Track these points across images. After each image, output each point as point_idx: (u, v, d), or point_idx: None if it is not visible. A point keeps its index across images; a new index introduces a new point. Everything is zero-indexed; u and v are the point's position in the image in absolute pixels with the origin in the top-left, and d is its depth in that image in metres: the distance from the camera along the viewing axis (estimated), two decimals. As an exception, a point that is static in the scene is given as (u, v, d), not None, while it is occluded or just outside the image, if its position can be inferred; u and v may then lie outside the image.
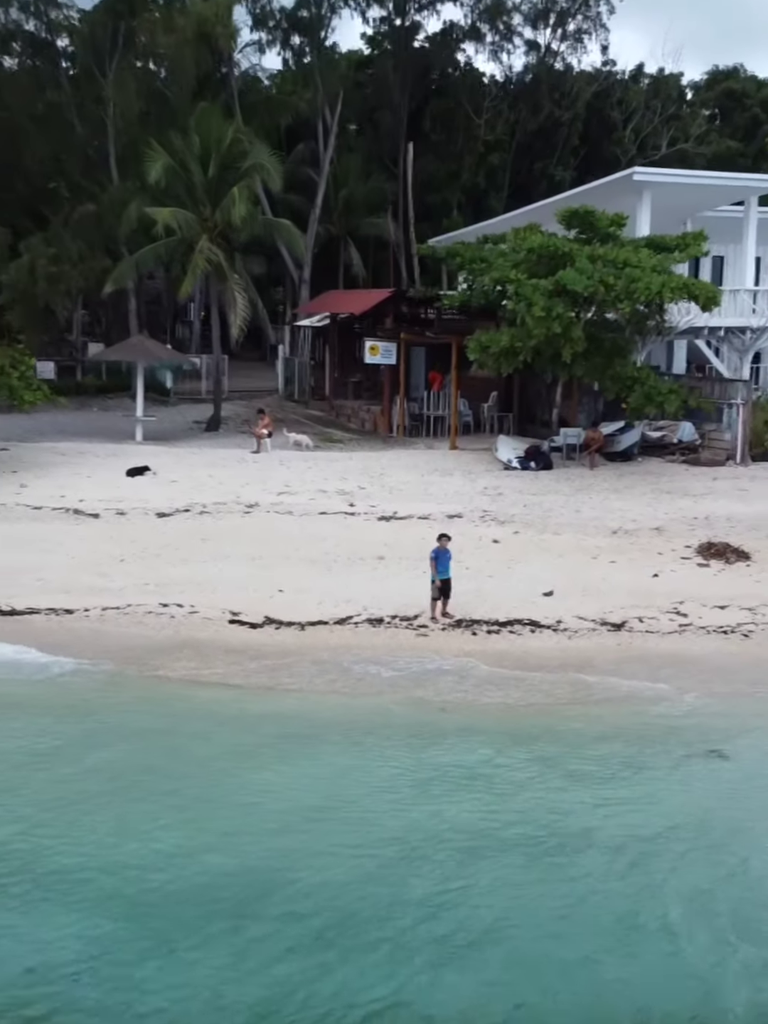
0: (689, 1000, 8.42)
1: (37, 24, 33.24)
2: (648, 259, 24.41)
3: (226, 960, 8.74)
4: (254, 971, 8.53)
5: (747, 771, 12.95)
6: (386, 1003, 8.21)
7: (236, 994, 8.29)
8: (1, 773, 12.17)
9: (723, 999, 8.43)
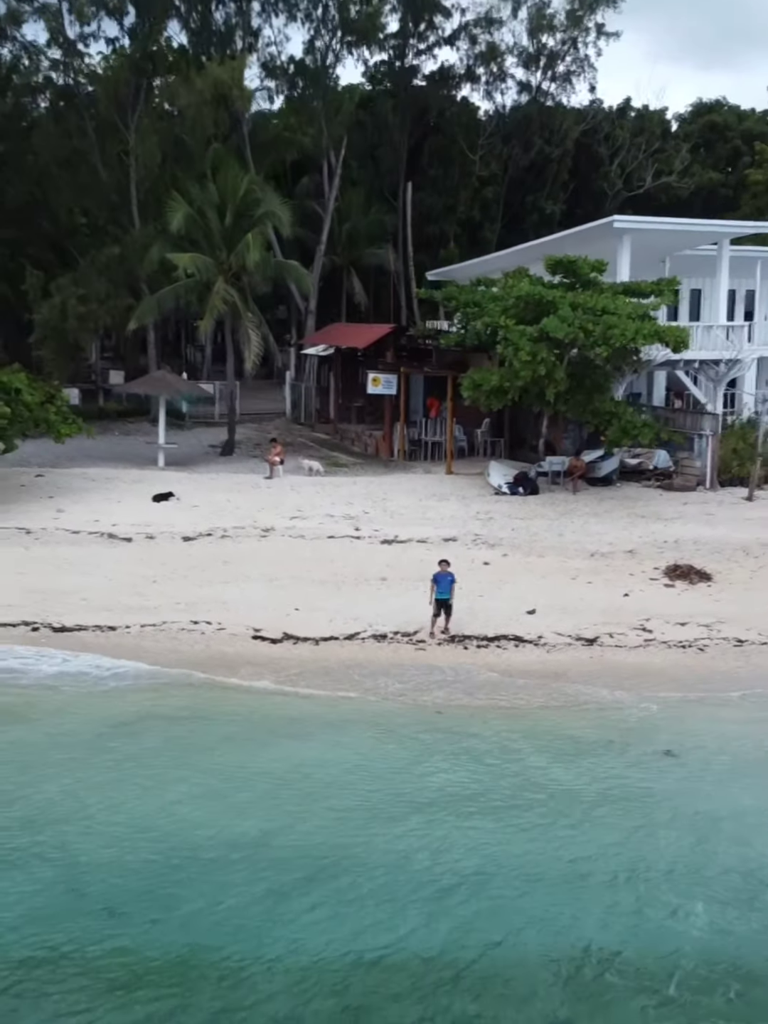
0: (629, 938, 10.69)
1: (65, 75, 35.41)
2: (624, 306, 26.73)
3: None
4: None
5: (692, 767, 15.20)
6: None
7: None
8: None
9: (658, 936, 10.70)
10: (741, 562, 23.64)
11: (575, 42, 49.97)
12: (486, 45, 49.54)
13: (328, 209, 44.06)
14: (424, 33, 48.22)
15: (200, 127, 34.70)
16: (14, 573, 22.46)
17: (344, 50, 42.66)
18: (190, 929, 10.66)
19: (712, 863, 12.39)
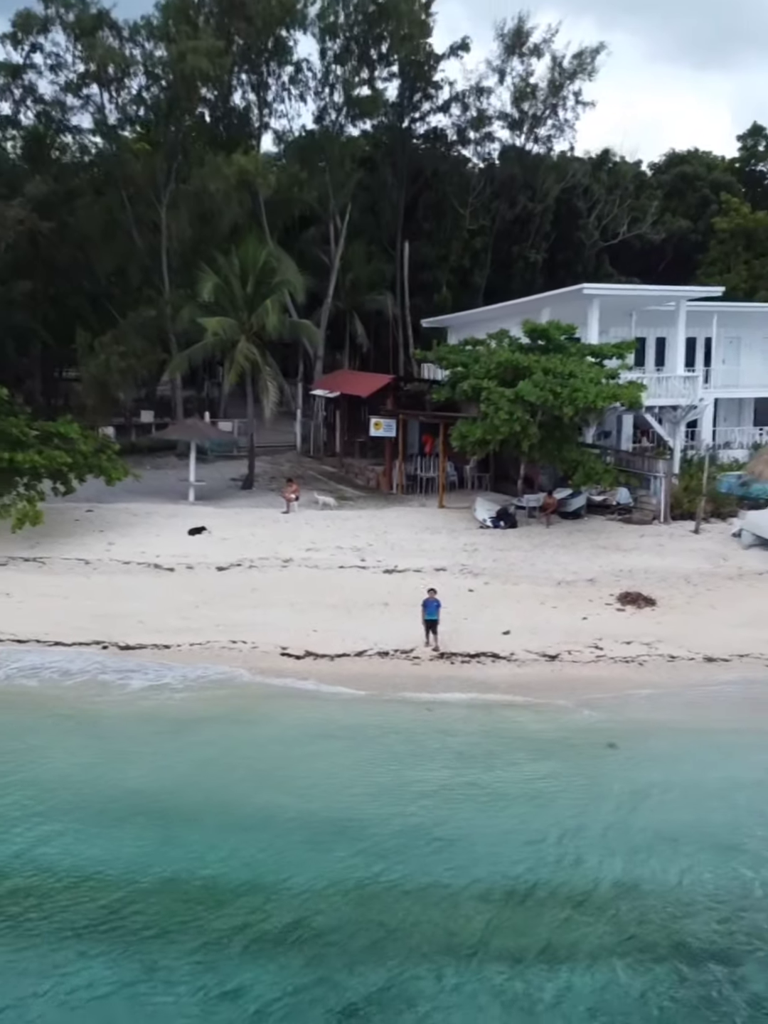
0: (564, 878, 14.78)
1: (106, 156, 39.31)
2: (587, 371, 30.91)
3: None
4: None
5: (629, 755, 19.29)
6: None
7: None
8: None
9: (582, 875, 14.78)
10: (682, 589, 27.77)
11: (555, 108, 54.21)
12: (476, 111, 53.83)
13: (334, 266, 48.12)
14: (419, 103, 52.46)
15: (225, 206, 38.79)
16: (82, 599, 26.61)
17: (349, 122, 46.66)
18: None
19: (636, 825, 16.46)
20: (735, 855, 15.32)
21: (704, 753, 19.20)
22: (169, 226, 39.38)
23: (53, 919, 13.32)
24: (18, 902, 13.73)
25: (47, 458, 29.44)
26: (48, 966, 12.32)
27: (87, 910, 13.55)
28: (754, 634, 24.77)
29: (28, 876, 14.37)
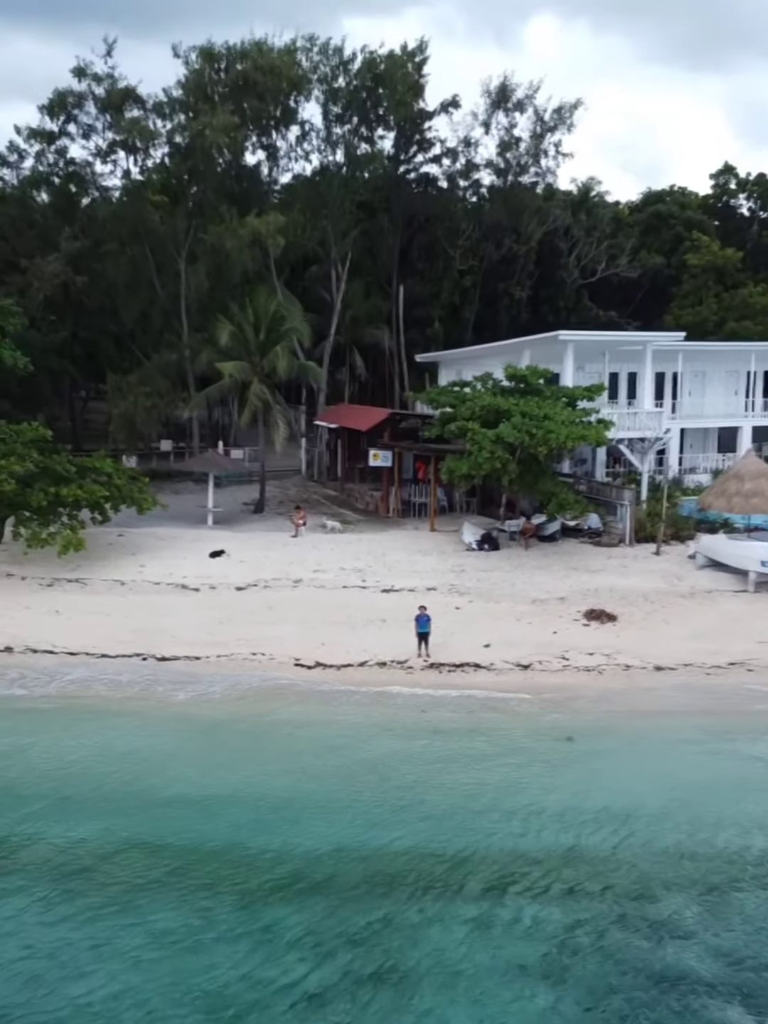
0: (517, 846, 18.32)
1: (132, 216, 42.85)
2: (560, 413, 34.55)
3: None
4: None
5: (583, 747, 22.85)
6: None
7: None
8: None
9: (532, 843, 18.33)
10: (640, 606, 31.40)
11: (537, 158, 57.91)
12: (465, 160, 57.55)
13: (335, 307, 51.71)
14: (413, 155, 56.13)
15: (239, 260, 42.38)
16: (122, 616, 30.20)
17: (350, 175, 50.17)
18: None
19: (588, 804, 19.97)
20: (662, 825, 18.89)
21: (646, 747, 22.75)
22: (188, 277, 43.01)
23: (140, 876, 16.88)
24: (110, 863, 17.29)
25: (88, 492, 33.05)
26: (131, 910, 15.87)
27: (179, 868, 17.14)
28: (699, 646, 28.42)
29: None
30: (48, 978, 14.00)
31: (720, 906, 16.07)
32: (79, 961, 14.40)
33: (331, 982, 13.92)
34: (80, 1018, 13.14)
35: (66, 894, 16.12)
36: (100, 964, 14.30)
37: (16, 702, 24.59)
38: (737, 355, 50.16)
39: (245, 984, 13.83)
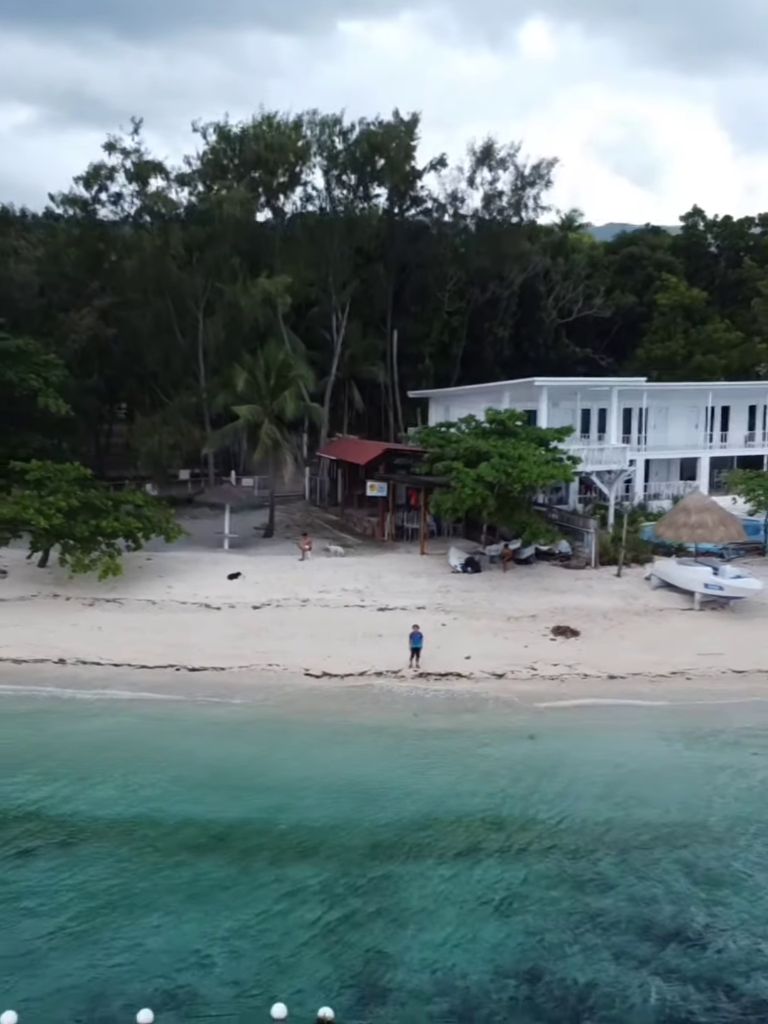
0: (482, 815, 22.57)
1: (156, 278, 46.87)
2: (533, 454, 38.88)
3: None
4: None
5: (548, 745, 27.08)
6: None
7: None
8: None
9: (502, 813, 22.58)
10: (600, 623, 35.72)
11: (518, 209, 62.29)
12: (452, 211, 61.92)
13: (336, 350, 55.95)
14: (405, 209, 60.48)
15: (251, 316, 46.62)
16: (154, 632, 34.40)
17: (348, 231, 54.42)
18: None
19: (544, 787, 24.22)
20: (602, 802, 23.17)
21: (595, 742, 27.03)
22: (205, 327, 47.29)
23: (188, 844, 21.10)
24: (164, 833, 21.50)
25: (124, 524, 37.31)
26: (183, 866, 20.09)
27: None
28: (647, 657, 32.73)
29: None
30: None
31: (638, 863, 20.37)
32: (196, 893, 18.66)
33: (343, 915, 18.17)
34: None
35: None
36: (172, 896, 18.55)
37: (84, 705, 28.82)
38: (697, 393, 54.63)
39: (280, 919, 18.07)
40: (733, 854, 20.83)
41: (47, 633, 34.17)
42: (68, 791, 23.23)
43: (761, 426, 56.77)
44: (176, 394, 48.10)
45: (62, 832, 21.29)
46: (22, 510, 35.44)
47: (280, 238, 50.61)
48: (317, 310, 63.04)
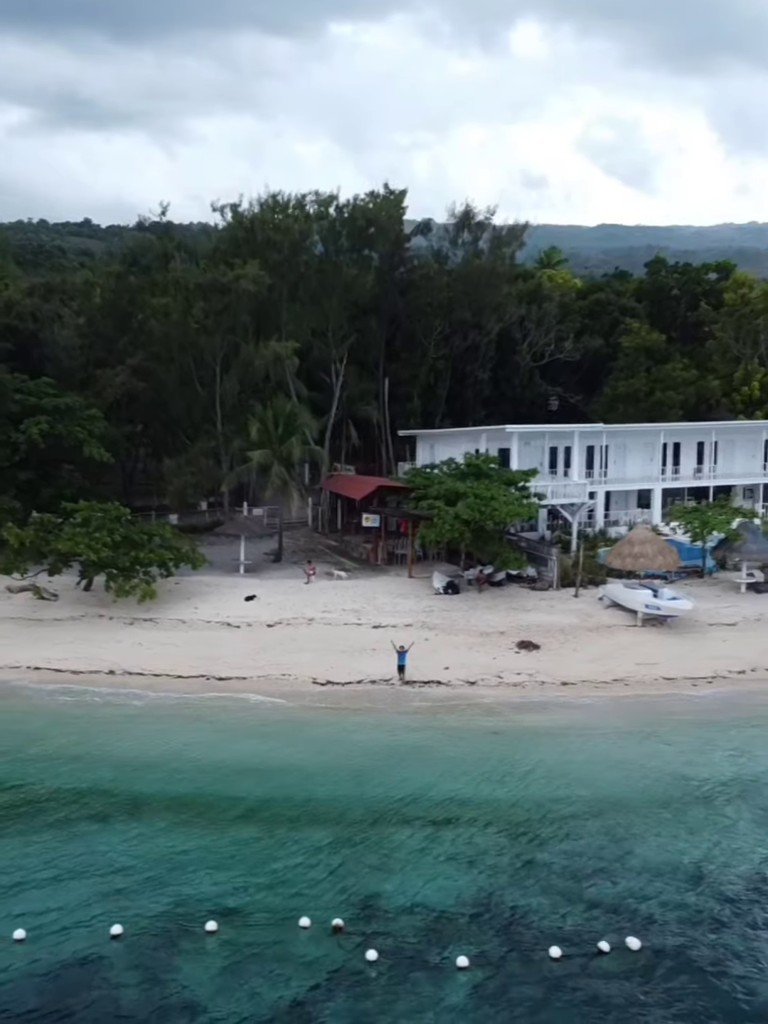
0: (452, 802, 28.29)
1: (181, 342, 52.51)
2: (503, 494, 44.71)
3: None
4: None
5: (509, 739, 32.79)
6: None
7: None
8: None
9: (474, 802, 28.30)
10: (557, 637, 41.46)
11: (495, 268, 68.24)
12: (436, 270, 67.85)
13: (336, 394, 61.65)
14: (396, 267, 66.33)
15: (262, 373, 52.31)
16: (186, 647, 40.04)
17: (345, 294, 60.19)
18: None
19: (504, 775, 29.88)
20: (548, 783, 28.90)
21: (547, 737, 32.76)
22: (222, 382, 53.06)
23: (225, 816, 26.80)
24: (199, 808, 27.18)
25: (158, 554, 43.03)
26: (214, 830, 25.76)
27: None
28: (595, 667, 38.47)
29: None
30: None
31: (571, 827, 26.17)
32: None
33: (346, 863, 23.93)
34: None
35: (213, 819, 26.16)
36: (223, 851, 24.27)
37: (133, 707, 34.51)
38: (651, 432, 60.49)
39: (299, 866, 23.79)
40: (642, 819, 26.60)
41: (96, 648, 39.85)
42: (128, 776, 28.90)
43: (709, 460, 62.56)
44: (197, 438, 53.84)
45: (128, 805, 26.99)
46: (75, 545, 41.14)
47: (286, 300, 56.29)
48: (318, 354, 68.82)
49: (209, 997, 18.77)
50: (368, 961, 19.83)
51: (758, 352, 75.65)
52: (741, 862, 24.20)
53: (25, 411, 46.64)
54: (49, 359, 51.51)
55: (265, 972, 19.49)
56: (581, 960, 20.05)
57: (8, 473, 46.54)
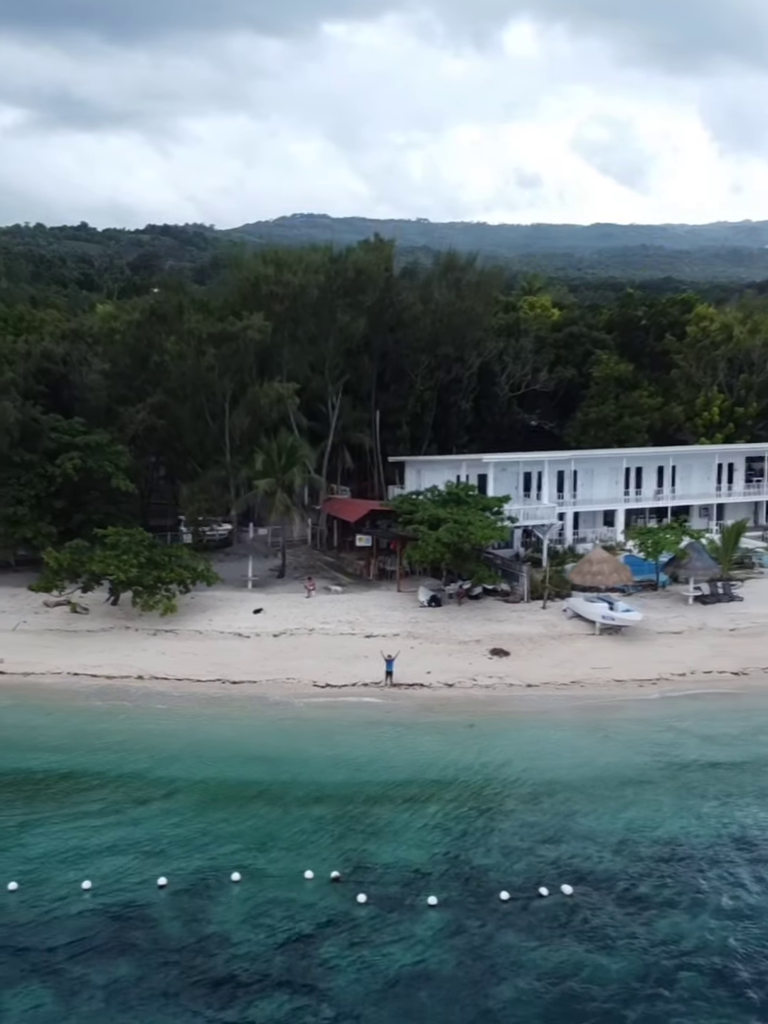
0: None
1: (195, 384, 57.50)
2: (479, 519, 49.76)
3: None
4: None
5: (481, 733, 37.76)
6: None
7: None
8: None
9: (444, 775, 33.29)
10: (526, 645, 46.44)
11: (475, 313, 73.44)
12: (422, 310, 72.98)
13: (332, 425, 66.62)
14: (386, 309, 71.40)
15: (267, 411, 57.40)
16: (203, 655, 44.91)
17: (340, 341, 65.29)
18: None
19: (479, 760, 34.87)
20: (515, 768, 33.88)
21: (513, 730, 37.76)
22: (231, 418, 58.08)
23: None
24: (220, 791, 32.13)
25: (178, 573, 48.03)
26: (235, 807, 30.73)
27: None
28: (557, 671, 43.42)
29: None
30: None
31: (527, 801, 31.20)
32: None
33: (344, 830, 28.94)
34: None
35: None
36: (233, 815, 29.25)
37: (161, 707, 39.46)
38: (615, 458, 65.64)
39: (305, 833, 28.79)
40: (585, 797, 31.58)
41: (125, 656, 44.75)
42: (161, 764, 33.89)
43: (668, 483, 67.68)
44: (208, 467, 58.79)
45: (163, 787, 31.96)
46: (106, 566, 46.12)
47: (287, 342, 61.33)
48: (316, 386, 73.79)
49: (235, 930, 23.78)
50: (359, 903, 24.83)
51: (717, 380, 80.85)
52: (658, 830, 29.26)
53: (60, 447, 51.64)
54: (77, 398, 56.46)
55: (279, 912, 24.49)
56: (524, 901, 25.08)
57: (45, 502, 51.45)
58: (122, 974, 22.04)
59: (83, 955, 22.69)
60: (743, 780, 33.45)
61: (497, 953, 22.99)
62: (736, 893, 25.59)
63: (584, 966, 22.53)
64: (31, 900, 24.71)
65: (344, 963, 22.51)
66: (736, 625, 49.08)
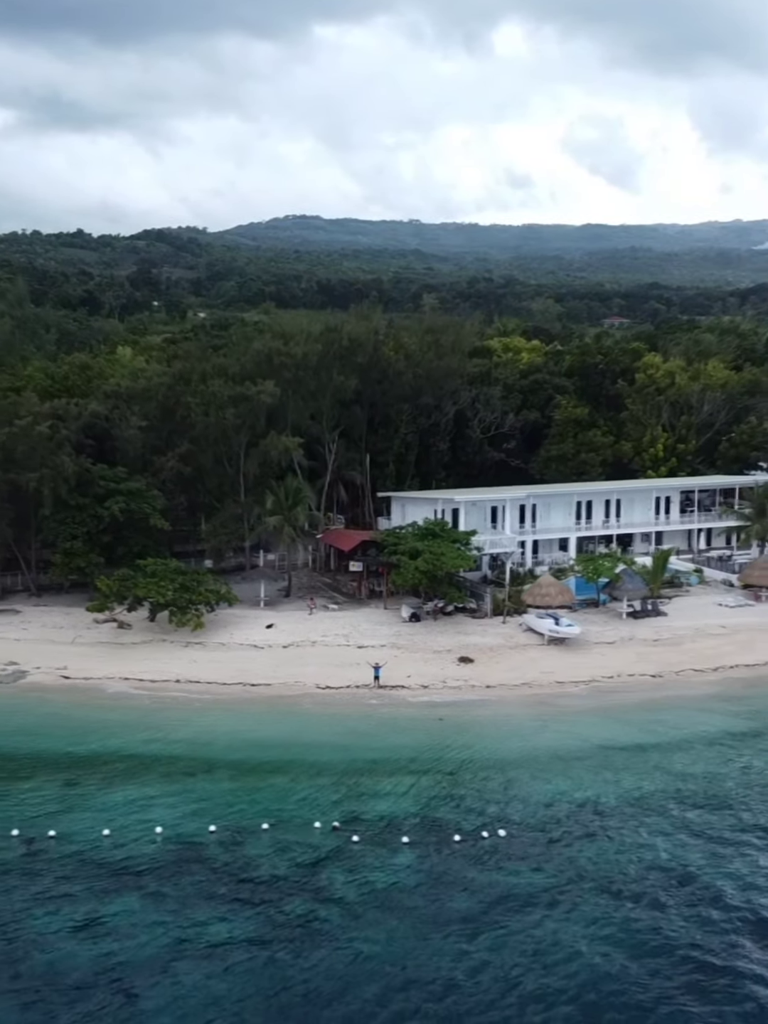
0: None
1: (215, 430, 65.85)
2: (451, 550, 58.19)
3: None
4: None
5: (449, 724, 46.00)
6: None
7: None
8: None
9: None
10: (487, 653, 54.70)
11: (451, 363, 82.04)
12: (404, 365, 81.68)
13: (329, 465, 75.12)
14: (374, 364, 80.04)
15: (276, 459, 65.79)
16: (226, 663, 53.06)
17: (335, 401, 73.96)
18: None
19: (445, 747, 43.02)
20: (477, 750, 42.16)
21: (475, 722, 46.06)
22: (245, 464, 66.60)
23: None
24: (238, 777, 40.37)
25: (205, 596, 56.31)
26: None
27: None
28: (512, 674, 51.63)
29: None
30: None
31: (491, 776, 39.58)
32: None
33: (341, 795, 37.26)
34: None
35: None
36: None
37: (195, 705, 47.66)
38: (568, 493, 74.19)
39: (310, 798, 37.06)
40: (526, 772, 39.89)
41: (163, 664, 52.92)
42: (199, 749, 42.11)
43: (614, 514, 76.19)
44: (226, 504, 67.17)
45: (203, 766, 40.15)
46: (148, 591, 54.44)
47: (291, 398, 69.95)
48: (315, 432, 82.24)
49: (266, 860, 32.07)
50: (353, 842, 33.15)
51: (661, 420, 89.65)
52: (577, 793, 37.65)
53: (107, 492, 59.99)
54: (118, 449, 64.78)
55: (297, 848, 32.78)
56: (472, 842, 33.42)
57: (95, 537, 59.73)
58: (186, 885, 30.33)
59: (159, 875, 30.95)
60: (648, 758, 41.77)
61: (451, 875, 31.28)
62: (633, 837, 33.94)
63: (514, 884, 30.84)
64: (119, 840, 32.97)
65: (343, 881, 30.83)
66: (659, 636, 57.52)
